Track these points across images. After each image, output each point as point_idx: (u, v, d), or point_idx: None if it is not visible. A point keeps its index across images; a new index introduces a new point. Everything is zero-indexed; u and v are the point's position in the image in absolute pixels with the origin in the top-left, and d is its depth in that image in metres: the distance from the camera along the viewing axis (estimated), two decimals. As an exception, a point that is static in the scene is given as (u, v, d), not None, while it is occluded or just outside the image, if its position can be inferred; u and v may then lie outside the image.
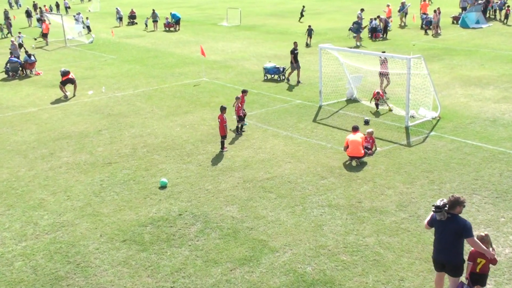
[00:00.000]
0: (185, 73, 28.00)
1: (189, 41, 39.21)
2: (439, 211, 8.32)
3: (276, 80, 25.27)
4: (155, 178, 14.57)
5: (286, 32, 41.75)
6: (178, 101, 22.49)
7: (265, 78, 25.60)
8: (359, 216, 12.01)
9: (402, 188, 13.32)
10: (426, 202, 12.49)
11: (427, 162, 14.89)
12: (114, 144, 17.45)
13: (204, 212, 12.48)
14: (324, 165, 14.98)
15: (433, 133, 17.27)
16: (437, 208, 8.31)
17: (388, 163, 14.96)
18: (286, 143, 16.88)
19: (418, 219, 11.73)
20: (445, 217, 8.32)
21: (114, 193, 13.77)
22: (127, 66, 30.49)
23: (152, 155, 16.30)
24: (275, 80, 25.23)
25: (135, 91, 24.46)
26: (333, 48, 21.39)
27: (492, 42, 32.99)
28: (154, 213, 12.57)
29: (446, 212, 8.31)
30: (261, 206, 12.70)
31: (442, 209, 8.30)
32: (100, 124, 19.67)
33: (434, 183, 13.53)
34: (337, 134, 17.46)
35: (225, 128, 16.25)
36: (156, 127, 18.97)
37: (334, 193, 13.22)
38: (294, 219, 12.01)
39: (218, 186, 13.87)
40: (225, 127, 16.18)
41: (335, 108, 20.54)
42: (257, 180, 14.17)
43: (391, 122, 18.51)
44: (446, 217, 8.32)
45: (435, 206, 8.33)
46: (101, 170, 15.29)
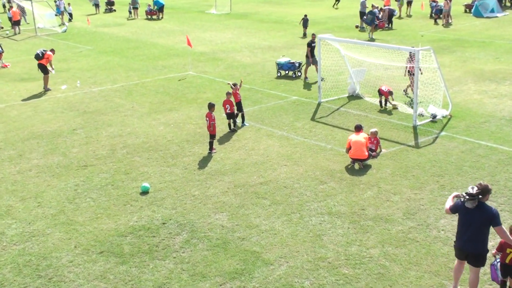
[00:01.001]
0: (169, 66, 27.96)
1: (173, 31, 39.16)
2: (472, 199, 8.78)
3: (291, 77, 24.84)
4: (136, 182, 14.53)
5: (281, 21, 41.82)
6: (161, 97, 22.45)
7: (279, 75, 24.99)
8: (362, 225, 12.04)
9: (410, 194, 13.37)
10: (436, 210, 12.54)
11: (437, 165, 14.95)
12: (90, 144, 17.39)
13: (190, 221, 12.46)
14: (324, 168, 15.00)
15: (443, 133, 17.35)
16: (471, 196, 8.77)
17: (394, 166, 15.01)
18: (281, 144, 16.90)
19: (427, 228, 11.78)
20: (475, 205, 8.83)
21: (90, 199, 13.71)
22: (105, 58, 30.40)
23: (133, 157, 16.25)
24: (290, 77, 24.76)
25: (114, 86, 24.40)
26: (333, 38, 21.45)
27: (508, 33, 33.23)
28: (134, 221, 12.54)
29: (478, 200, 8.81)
30: (253, 214, 12.69)
31: (476, 197, 8.78)
32: (74, 122, 19.59)
33: (445, 188, 13.58)
34: (338, 134, 17.50)
35: (214, 127, 16.26)
36: (137, 126, 18.93)
37: (334, 199, 13.25)
38: (290, 228, 12.01)
39: (206, 192, 13.86)
40: (212, 125, 16.19)
41: (335, 105, 20.58)
42: (250, 185, 14.17)
43: (397, 121, 18.57)
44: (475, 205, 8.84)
45: (469, 193, 8.78)
46: (75, 174, 15.23)
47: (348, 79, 22.21)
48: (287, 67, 24.97)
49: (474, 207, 8.85)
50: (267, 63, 27.85)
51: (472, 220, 8.88)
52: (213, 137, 16.41)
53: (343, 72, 23.09)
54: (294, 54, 29.39)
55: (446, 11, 37.44)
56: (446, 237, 11.43)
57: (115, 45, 34.46)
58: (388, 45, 21.73)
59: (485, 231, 8.90)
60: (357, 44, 21.65)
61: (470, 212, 8.88)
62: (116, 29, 40.77)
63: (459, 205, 9.08)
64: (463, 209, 8.98)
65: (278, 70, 25.14)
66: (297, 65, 24.88)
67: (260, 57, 29.31)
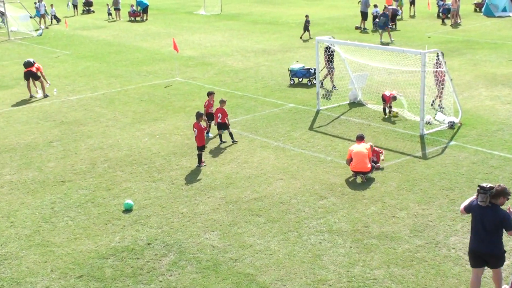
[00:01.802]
0: (154, 72, 27.99)
1: (159, 33, 39.25)
2: (483, 192, 9.31)
3: (305, 84, 24.33)
4: (118, 199, 14.50)
5: (276, 22, 42.00)
6: (146, 105, 22.46)
7: (292, 83, 24.49)
8: (365, 244, 12.03)
9: (417, 209, 13.38)
10: (445, 226, 12.56)
11: (447, 177, 14.99)
12: (68, 158, 17.36)
13: (178, 241, 12.43)
14: (323, 182, 15.02)
15: (453, 142, 17.40)
16: (482, 188, 9.32)
17: (400, 179, 15.04)
18: (277, 156, 16.91)
19: (436, 247, 11.79)
20: (486, 203, 9.35)
21: (68, 218, 13.67)
22: (84, 64, 30.42)
23: (115, 172, 16.23)
24: (304, 84, 24.30)
25: (94, 94, 24.39)
26: (333, 41, 21.55)
27: (522, 34, 33.48)
28: (117, 242, 12.50)
29: (490, 197, 9.29)
30: (247, 232, 12.68)
31: (487, 191, 9.29)
32: (51, 134, 19.56)
33: (455, 203, 13.61)
34: (338, 145, 17.54)
35: (203, 138, 16.28)
36: (119, 138, 18.92)
37: (335, 216, 13.25)
38: (287, 248, 12.00)
39: (195, 209, 13.84)
40: (203, 136, 16.21)
41: (335, 113, 20.64)
42: (243, 201, 14.16)
43: (403, 130, 18.64)
44: (486, 204, 9.35)
45: (481, 186, 9.35)
46: (52, 190, 15.18)
47: (349, 84, 22.28)
48: (301, 74, 24.38)
49: (486, 206, 9.40)
50: (261, 68, 27.94)
51: (485, 220, 9.41)
52: (202, 149, 16.41)
53: (343, 77, 23.19)
54: (292, 58, 29.50)
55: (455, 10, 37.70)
56: (457, 256, 11.43)
57: (95, 49, 34.49)
58: (392, 48, 21.85)
59: (499, 232, 9.44)
60: (359, 47, 21.77)
61: (482, 211, 9.44)
62: (96, 32, 40.83)
63: (473, 204, 9.67)
64: (476, 208, 9.55)
65: (291, 78, 24.59)
66: (313, 72, 24.11)
67: (253, 62, 29.40)
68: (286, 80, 25.25)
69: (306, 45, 32.83)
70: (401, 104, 20.20)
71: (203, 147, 16.44)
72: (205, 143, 16.75)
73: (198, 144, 16.33)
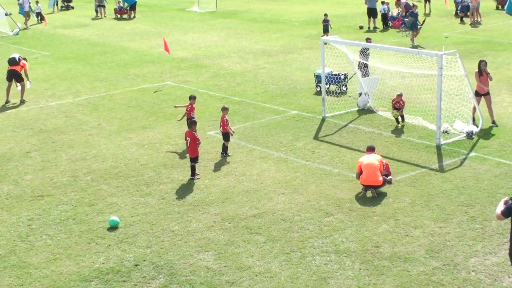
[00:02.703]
0: (143, 75, 28.06)
1: (148, 32, 39.37)
2: None
3: (335, 92, 23.33)
4: (102, 216, 14.51)
5: (277, 21, 42.16)
6: (133, 112, 22.51)
7: (318, 90, 23.76)
8: (376, 266, 12.05)
9: (434, 228, 13.40)
10: (465, 246, 12.58)
11: (466, 192, 15.02)
12: (48, 170, 17.39)
13: (168, 262, 12.44)
14: (330, 197, 15.04)
15: (473, 153, 17.45)
16: None
17: (414, 194, 15.06)
18: (278, 168, 16.95)
19: (455, 269, 11.80)
20: None
21: (47, 236, 13.67)
22: (65, 66, 30.48)
23: (99, 185, 16.25)
24: (333, 92, 23.28)
25: (76, 99, 24.44)
26: (340, 41, 21.62)
27: (548, 34, 33.65)
28: (101, 263, 12.50)
29: None
30: (245, 252, 12.69)
31: None
32: (28, 143, 19.60)
33: (475, 220, 13.64)
34: (346, 156, 17.58)
35: (197, 149, 16.31)
36: (104, 147, 18.95)
37: (343, 234, 13.26)
38: (289, 270, 12.01)
39: (188, 227, 13.86)
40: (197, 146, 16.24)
41: (343, 121, 20.69)
42: (240, 218, 14.18)
43: (417, 139, 18.68)
44: None
45: None
46: (29, 206, 15.19)
47: (358, 89, 22.35)
48: (329, 81, 23.35)
49: None
50: (260, 71, 28.02)
51: None
52: (196, 161, 16.45)
53: (352, 82, 23.23)
54: (295, 60, 29.57)
55: (474, 8, 37.88)
56: (477, 280, 11.44)
57: (77, 50, 34.57)
58: (406, 49, 21.97)
59: None
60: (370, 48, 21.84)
61: None
62: (79, 30, 40.95)
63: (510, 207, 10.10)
64: None
65: (317, 84, 23.95)
66: (342, 78, 23.48)
67: (252, 64, 29.49)
68: (288, 85, 25.34)
69: (310, 46, 32.93)
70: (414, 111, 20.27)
71: (197, 158, 16.47)
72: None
73: (191, 155, 16.37)
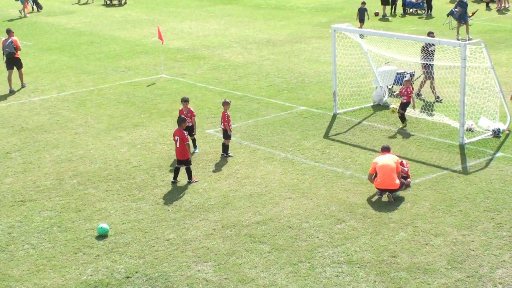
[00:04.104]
0: (135, 68, 28.14)
1: (140, 20, 39.46)
2: None
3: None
4: (90, 223, 14.56)
5: (283, 7, 42.21)
6: (124, 108, 22.59)
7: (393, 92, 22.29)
8: (393, 278, 12.09)
9: (456, 235, 13.44)
10: (491, 256, 12.60)
11: (492, 196, 15.04)
12: (30, 172, 17.46)
13: (163, 273, 12.49)
14: (341, 202, 15.09)
15: (499, 154, 17.47)
16: None
17: (435, 198, 15.10)
18: (284, 169, 17.00)
19: (479, 281, 11.83)
20: None
21: (29, 245, 13.73)
22: (49, 57, 30.57)
23: (86, 189, 16.31)
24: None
25: (61, 94, 24.54)
26: (353, 30, 21.65)
27: None
28: (88, 275, 12.55)
29: None
30: (248, 263, 12.74)
31: None
32: (8, 143, 19.68)
33: (502, 227, 13.66)
34: (359, 157, 17.62)
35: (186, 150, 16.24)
36: (91, 147, 19.02)
37: (356, 243, 13.30)
38: (297, 282, 12.06)
39: (185, 235, 13.91)
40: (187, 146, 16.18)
41: (356, 117, 20.74)
42: (243, 225, 14.24)
43: (439, 138, 18.72)
44: None
45: None
46: (9, 212, 15.26)
47: (373, 83, 22.39)
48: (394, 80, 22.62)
49: None
50: (265, 62, 28.08)
51: None
52: (189, 163, 16.45)
53: (366, 74, 23.27)
54: (303, 50, 29.61)
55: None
56: (505, 293, 11.50)
57: (62, 40, 34.66)
58: (427, 38, 21.96)
59: None
60: (384, 37, 21.87)
61: None
62: (64, 18, 41.06)
63: None
64: None
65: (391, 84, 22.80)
66: (410, 77, 22.10)
67: (255, 55, 29.55)
68: (295, 78, 25.38)
69: (320, 35, 32.96)
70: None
71: (188, 161, 16.41)
72: None
73: (180, 157, 16.29)
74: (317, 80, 24.96)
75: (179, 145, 16.21)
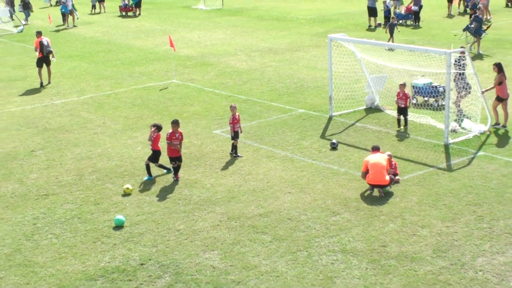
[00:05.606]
0: (148, 73, 28.19)
1: (153, 30, 39.51)
2: None
3: (430, 106, 21.31)
4: (108, 215, 14.65)
5: (284, 19, 42.23)
6: (139, 110, 22.65)
7: (414, 102, 21.83)
8: (383, 265, 12.15)
9: (441, 227, 13.49)
10: (472, 246, 12.66)
11: (474, 191, 15.10)
12: (53, 169, 17.53)
13: (174, 261, 12.56)
14: (336, 196, 15.15)
15: (481, 153, 17.52)
16: None
17: (422, 193, 15.15)
18: (284, 167, 17.06)
19: (462, 269, 11.89)
20: None
21: (52, 235, 13.81)
22: (70, 64, 30.64)
23: (104, 184, 16.39)
24: (429, 106, 21.24)
25: (81, 98, 24.60)
26: (347, 39, 21.69)
27: (559, 32, 33.63)
28: (106, 262, 12.63)
29: None
30: (251, 252, 12.81)
31: None
32: (33, 142, 19.75)
33: (483, 219, 13.72)
34: (353, 155, 17.67)
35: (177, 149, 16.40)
36: (109, 146, 19.09)
37: (349, 234, 13.37)
38: (296, 269, 12.12)
39: (193, 226, 13.98)
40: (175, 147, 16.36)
41: (350, 119, 20.78)
42: (246, 217, 14.30)
43: (425, 138, 18.76)
44: None
45: None
46: (34, 205, 15.34)
47: (366, 88, 22.42)
48: (426, 93, 21.66)
49: None
50: (267, 69, 28.11)
51: None
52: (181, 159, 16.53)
53: (359, 80, 23.31)
54: (302, 58, 29.64)
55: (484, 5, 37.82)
56: (484, 279, 11.54)
57: (82, 48, 34.72)
58: (414, 47, 22.04)
59: None
60: (376, 46, 21.92)
61: None
62: (84, 28, 41.11)
63: None
64: None
65: (414, 96, 22.02)
66: (442, 90, 21.15)
67: (258, 62, 29.58)
68: (295, 83, 25.42)
69: (318, 44, 32.97)
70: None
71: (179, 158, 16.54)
72: None
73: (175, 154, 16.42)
74: (314, 85, 25.00)
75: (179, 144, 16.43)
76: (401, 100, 19.50)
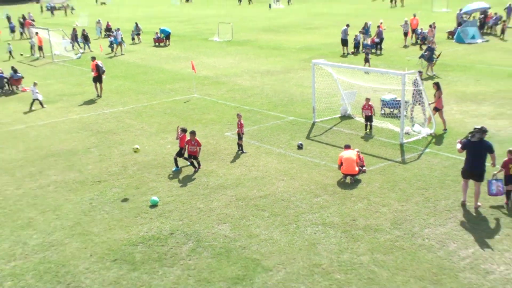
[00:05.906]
0: (175, 89, 28.28)
1: (179, 57, 39.59)
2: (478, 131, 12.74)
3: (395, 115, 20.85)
4: (145, 196, 14.77)
5: (279, 47, 42.23)
6: (168, 118, 22.73)
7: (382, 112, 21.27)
8: (353, 234, 12.25)
9: (397, 206, 13.59)
10: (421, 220, 12.77)
11: (422, 179, 15.19)
12: (104, 162, 17.64)
13: (196, 231, 12.67)
14: (318, 182, 15.24)
15: (428, 150, 17.60)
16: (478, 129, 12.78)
17: (382, 180, 15.25)
18: (279, 160, 17.14)
19: (413, 237, 11.99)
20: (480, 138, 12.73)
21: (104, 212, 13.94)
22: (116, 82, 30.74)
23: (143, 173, 16.49)
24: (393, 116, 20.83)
25: (125, 108, 24.70)
26: (326, 63, 21.78)
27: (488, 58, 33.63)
28: (145, 232, 12.75)
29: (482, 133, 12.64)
30: (254, 224, 12.91)
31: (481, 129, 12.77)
32: (88, 141, 19.86)
33: (429, 200, 13.82)
34: (330, 151, 17.75)
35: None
36: (146, 145, 19.18)
37: (328, 211, 13.47)
38: (287, 237, 12.22)
39: (210, 205, 14.08)
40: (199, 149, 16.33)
41: (328, 124, 20.86)
42: (250, 198, 14.40)
43: (385, 139, 18.84)
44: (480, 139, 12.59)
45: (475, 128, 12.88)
46: (90, 189, 15.47)
47: (340, 100, 22.50)
48: (392, 105, 21.41)
49: (478, 140, 12.66)
50: (265, 86, 28.16)
51: (477, 150, 12.72)
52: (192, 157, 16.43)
53: (335, 95, 23.39)
54: (292, 79, 29.73)
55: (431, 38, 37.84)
56: (430, 245, 11.64)
57: (125, 70, 34.83)
58: (377, 69, 22.07)
59: (484, 157, 12.79)
60: (349, 69, 22.01)
61: (475, 145, 12.75)
62: (127, 55, 41.19)
63: (466, 142, 12.94)
64: (470, 145, 12.87)
65: (382, 108, 21.70)
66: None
67: (259, 81, 29.63)
68: (287, 97, 25.48)
69: (304, 67, 32.99)
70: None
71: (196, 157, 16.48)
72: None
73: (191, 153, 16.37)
74: (301, 99, 25.05)
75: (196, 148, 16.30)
76: (367, 110, 19.59)
